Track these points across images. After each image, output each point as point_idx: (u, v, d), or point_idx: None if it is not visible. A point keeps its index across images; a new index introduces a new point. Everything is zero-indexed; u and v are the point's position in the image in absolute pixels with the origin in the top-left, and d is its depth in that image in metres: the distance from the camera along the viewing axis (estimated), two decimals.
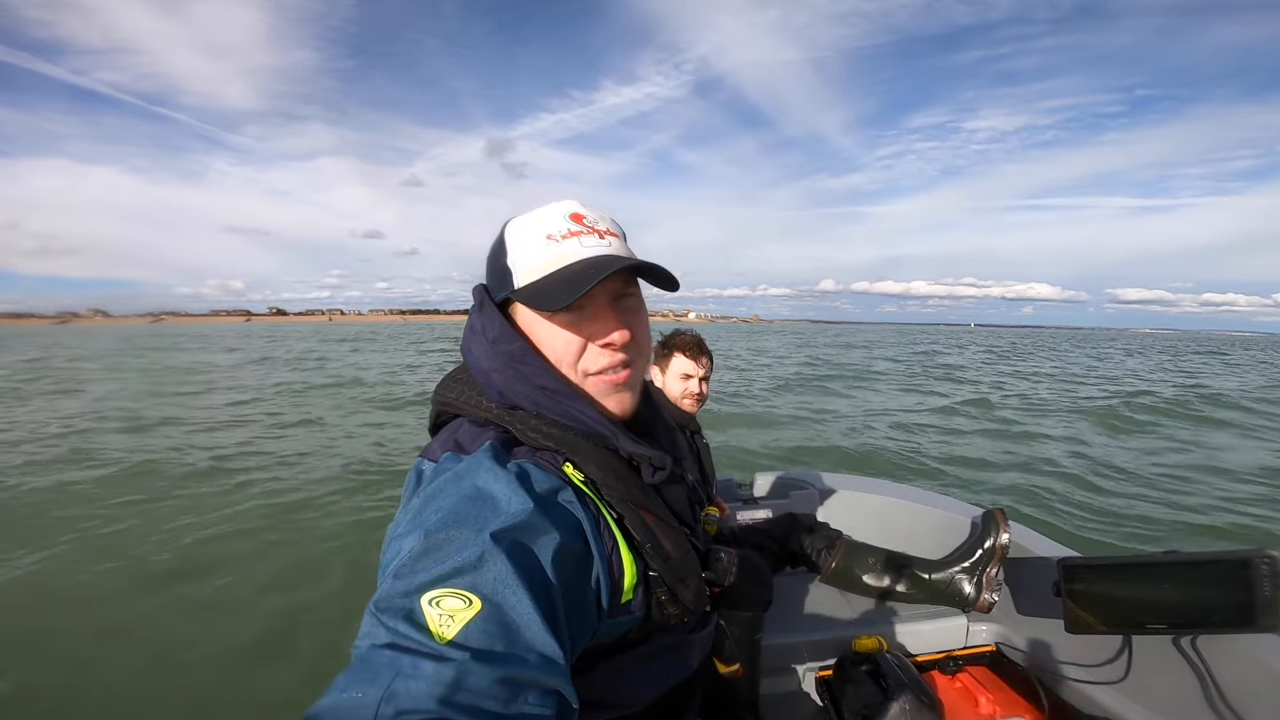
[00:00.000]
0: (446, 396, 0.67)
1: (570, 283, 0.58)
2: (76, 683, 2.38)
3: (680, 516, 0.69)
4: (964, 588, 1.48)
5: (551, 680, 0.42)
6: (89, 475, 5.32)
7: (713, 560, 0.74)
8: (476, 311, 0.66)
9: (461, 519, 0.47)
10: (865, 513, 2.02)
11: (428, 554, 0.45)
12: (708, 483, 1.88)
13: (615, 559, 0.57)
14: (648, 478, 0.63)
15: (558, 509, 0.53)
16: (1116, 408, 9.84)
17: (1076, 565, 1.15)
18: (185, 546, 3.65)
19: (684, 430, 1.86)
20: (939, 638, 1.44)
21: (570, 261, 0.60)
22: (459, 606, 0.41)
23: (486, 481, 0.51)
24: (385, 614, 0.41)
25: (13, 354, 22.77)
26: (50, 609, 3.00)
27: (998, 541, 1.48)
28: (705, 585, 0.69)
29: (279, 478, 5.22)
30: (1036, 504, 4.80)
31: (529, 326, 0.64)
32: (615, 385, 0.65)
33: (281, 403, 9.88)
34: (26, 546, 3.64)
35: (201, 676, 2.43)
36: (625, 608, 0.58)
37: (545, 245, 0.61)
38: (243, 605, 2.99)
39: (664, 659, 0.65)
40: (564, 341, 0.62)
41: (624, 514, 0.59)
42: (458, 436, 0.61)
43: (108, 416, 8.27)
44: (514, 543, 0.46)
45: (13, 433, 7.19)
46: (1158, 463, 6.32)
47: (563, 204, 0.64)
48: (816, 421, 8.62)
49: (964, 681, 1.32)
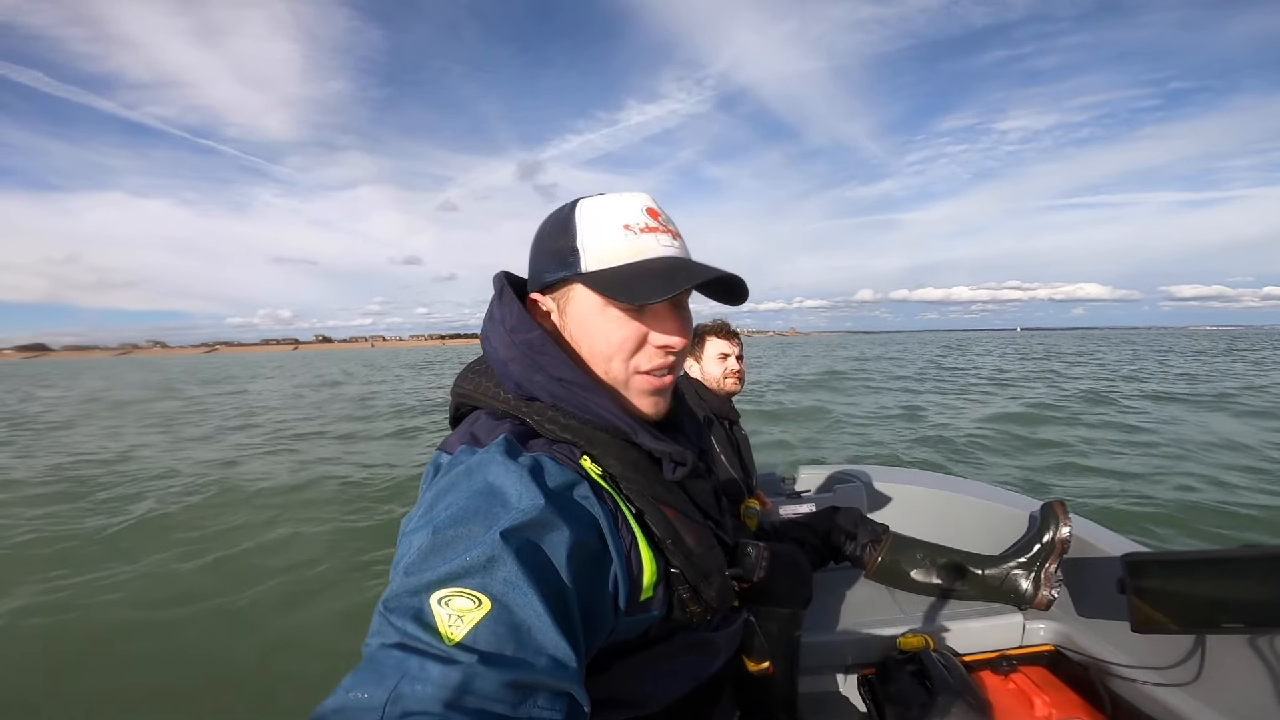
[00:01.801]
0: (464, 388, 0.67)
1: (662, 279, 0.57)
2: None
3: (705, 511, 0.67)
4: (1021, 584, 1.40)
5: (562, 682, 0.41)
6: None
7: (740, 555, 0.72)
8: (496, 300, 0.65)
9: (471, 515, 0.47)
10: (914, 506, 1.94)
11: (436, 551, 0.44)
12: (748, 475, 1.85)
13: (634, 556, 0.56)
14: (669, 474, 0.62)
15: (572, 504, 0.52)
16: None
17: (1143, 561, 1.07)
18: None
19: (723, 421, 1.84)
20: (992, 636, 1.37)
21: (651, 256, 0.59)
22: (468, 607, 0.40)
23: (498, 476, 0.50)
24: (394, 613, 0.41)
25: (225, 386, 22.82)
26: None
27: (1057, 535, 1.40)
28: (731, 581, 0.67)
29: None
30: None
31: (578, 313, 0.62)
32: (659, 388, 0.64)
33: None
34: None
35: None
36: (644, 606, 0.56)
37: (623, 234, 0.60)
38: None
39: (686, 657, 0.64)
40: (623, 335, 0.60)
41: (644, 509, 0.58)
42: (474, 429, 0.61)
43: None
44: (525, 541, 0.45)
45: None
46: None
47: (637, 196, 0.63)
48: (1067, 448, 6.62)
49: (1018, 682, 1.25)
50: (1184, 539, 3.79)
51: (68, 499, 5.48)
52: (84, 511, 5.03)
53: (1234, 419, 8.18)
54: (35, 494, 5.72)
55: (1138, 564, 1.07)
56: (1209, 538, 3.78)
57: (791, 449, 6.38)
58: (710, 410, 1.79)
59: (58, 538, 4.33)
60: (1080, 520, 1.49)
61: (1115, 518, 4.08)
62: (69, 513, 4.99)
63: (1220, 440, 6.61)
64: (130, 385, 25.05)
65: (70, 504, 5.29)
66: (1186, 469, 5.41)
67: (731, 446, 1.81)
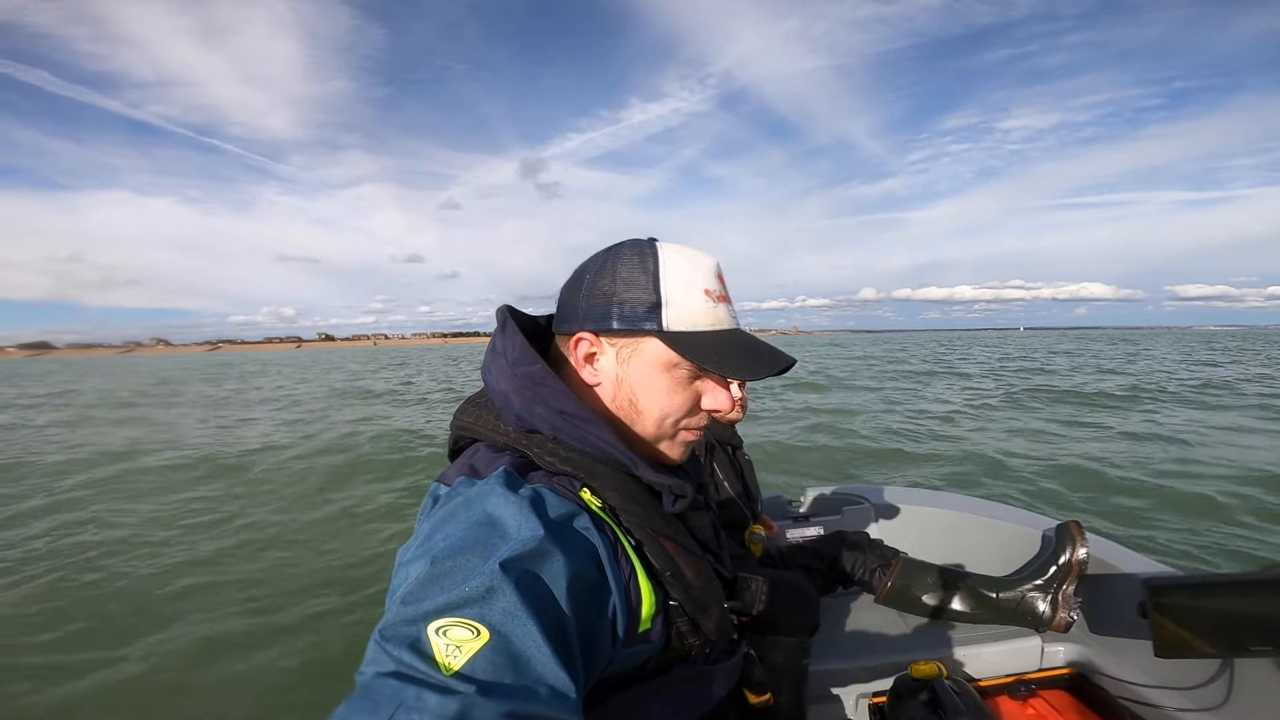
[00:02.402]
0: (464, 421, 0.67)
1: (748, 357, 0.60)
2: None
3: (705, 544, 0.67)
4: (1038, 606, 1.36)
5: (561, 713, 0.40)
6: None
7: (740, 588, 0.72)
8: (499, 334, 0.65)
9: (470, 546, 0.46)
10: (925, 528, 1.90)
11: (434, 581, 0.44)
12: (752, 499, 1.82)
13: (633, 587, 0.55)
14: (668, 506, 0.62)
15: (572, 535, 0.52)
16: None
17: (1165, 585, 1.03)
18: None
19: (725, 447, 1.81)
20: (1010, 660, 1.32)
21: (725, 327, 0.62)
22: (467, 637, 0.40)
23: (497, 507, 0.50)
24: (390, 642, 0.40)
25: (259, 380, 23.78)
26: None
27: (1074, 556, 1.36)
28: (730, 614, 0.67)
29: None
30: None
31: (644, 367, 0.62)
32: (695, 441, 0.67)
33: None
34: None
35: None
36: (643, 637, 0.56)
37: (704, 299, 0.61)
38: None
39: (684, 690, 0.63)
40: (684, 398, 0.63)
41: (643, 540, 0.58)
42: (474, 461, 0.61)
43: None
44: (524, 571, 0.45)
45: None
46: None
47: (708, 259, 0.63)
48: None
49: (1037, 708, 1.21)
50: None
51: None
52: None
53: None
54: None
55: (1159, 587, 1.04)
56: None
57: (798, 468, 6.27)
58: (713, 436, 1.76)
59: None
60: (1098, 539, 1.45)
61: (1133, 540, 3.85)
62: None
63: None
64: (194, 380, 25.59)
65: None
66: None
67: (735, 472, 1.78)
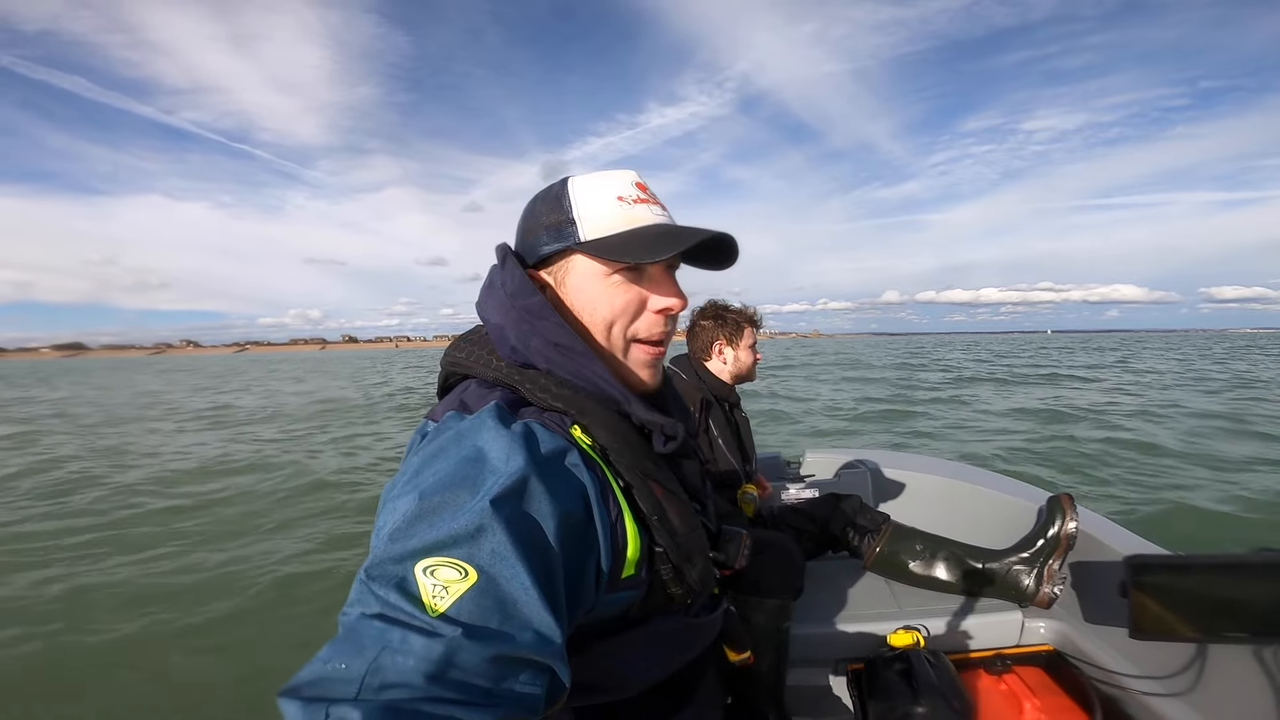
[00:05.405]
0: (456, 356, 0.65)
1: (661, 239, 0.60)
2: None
3: (691, 492, 0.66)
4: (1022, 580, 1.36)
5: (546, 658, 0.40)
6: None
7: (724, 541, 0.71)
8: (498, 268, 0.65)
9: (459, 481, 0.45)
10: (920, 495, 1.90)
11: (423, 518, 0.43)
12: (747, 459, 1.82)
13: (620, 529, 0.54)
14: (658, 446, 0.61)
15: (562, 472, 0.51)
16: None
17: (1147, 563, 1.02)
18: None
19: (723, 404, 1.80)
20: (990, 634, 1.33)
21: (646, 224, 0.61)
22: (454, 578, 0.39)
23: (488, 442, 0.49)
24: (376, 581, 0.40)
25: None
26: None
27: (1063, 530, 1.35)
28: (714, 566, 0.66)
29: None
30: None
31: (578, 283, 0.63)
32: (656, 357, 0.66)
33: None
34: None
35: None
36: (627, 583, 0.55)
37: (617, 205, 0.62)
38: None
39: (665, 642, 0.63)
40: (625, 299, 0.62)
41: (632, 483, 0.57)
42: (464, 397, 0.60)
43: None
44: (513, 509, 0.44)
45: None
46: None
47: (625, 173, 0.65)
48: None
49: (1010, 684, 1.21)
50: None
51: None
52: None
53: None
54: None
55: (1141, 565, 1.02)
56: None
57: (797, 429, 6.18)
58: (710, 392, 1.74)
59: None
60: (1092, 516, 1.44)
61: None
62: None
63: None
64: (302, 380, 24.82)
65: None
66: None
67: (731, 429, 1.77)
